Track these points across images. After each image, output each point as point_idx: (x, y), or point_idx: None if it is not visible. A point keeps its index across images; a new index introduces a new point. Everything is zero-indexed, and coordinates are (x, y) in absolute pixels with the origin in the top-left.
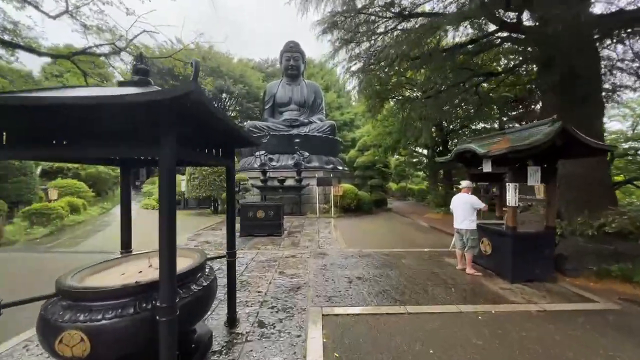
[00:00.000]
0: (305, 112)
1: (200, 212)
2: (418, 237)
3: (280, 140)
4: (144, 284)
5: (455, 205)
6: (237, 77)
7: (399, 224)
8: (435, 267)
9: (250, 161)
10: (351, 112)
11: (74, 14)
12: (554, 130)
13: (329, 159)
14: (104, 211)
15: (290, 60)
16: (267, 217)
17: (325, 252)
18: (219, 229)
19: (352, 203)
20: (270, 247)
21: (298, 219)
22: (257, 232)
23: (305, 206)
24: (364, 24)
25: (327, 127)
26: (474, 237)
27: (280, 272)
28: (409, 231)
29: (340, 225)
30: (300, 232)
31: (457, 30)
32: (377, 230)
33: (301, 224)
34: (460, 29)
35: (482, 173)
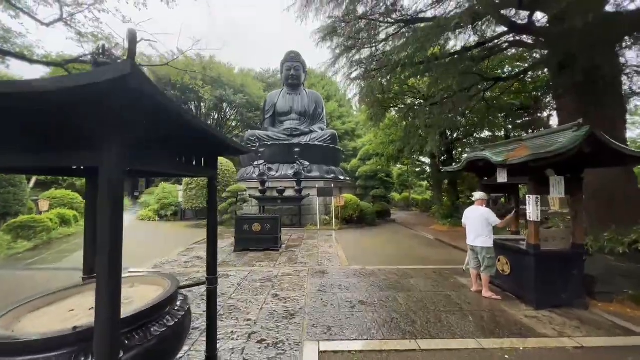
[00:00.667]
0: (306, 121)
1: (197, 223)
2: (425, 252)
3: (280, 149)
4: (85, 330)
5: (468, 219)
6: (237, 87)
7: (404, 237)
8: (448, 289)
9: (249, 171)
10: (352, 121)
11: (68, 22)
12: (581, 135)
13: (330, 169)
14: None
15: (291, 70)
16: (263, 230)
17: (325, 270)
18: None
19: (354, 214)
20: (265, 263)
21: (297, 231)
22: (253, 246)
23: (305, 218)
24: (365, 30)
25: (328, 136)
26: (491, 255)
27: (274, 294)
28: (415, 245)
29: (342, 238)
30: (299, 246)
31: (464, 32)
32: (380, 244)
33: (300, 237)
34: (467, 31)
35: (496, 184)
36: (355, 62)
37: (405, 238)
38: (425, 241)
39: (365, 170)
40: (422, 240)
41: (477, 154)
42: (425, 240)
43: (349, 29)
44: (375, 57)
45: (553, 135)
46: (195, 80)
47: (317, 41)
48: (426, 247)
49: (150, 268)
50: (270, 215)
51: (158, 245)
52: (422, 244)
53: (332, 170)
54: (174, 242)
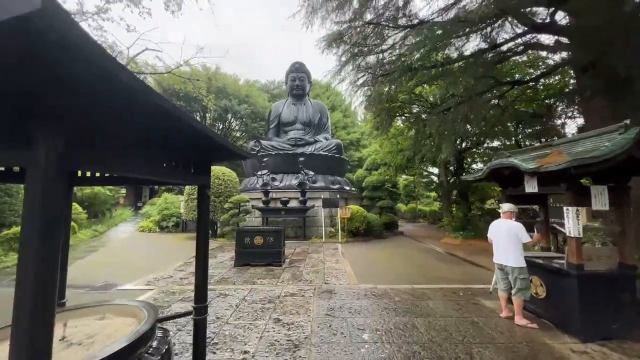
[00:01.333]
0: (311, 131)
1: None
2: (440, 268)
3: (284, 159)
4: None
5: (495, 235)
6: (242, 97)
7: (415, 252)
8: (474, 314)
9: (253, 181)
10: (357, 131)
11: None
12: (630, 138)
13: (335, 179)
14: (96, 235)
15: (296, 81)
16: (266, 243)
17: (332, 289)
18: (213, 256)
19: (360, 226)
20: (267, 281)
21: (302, 244)
22: (254, 261)
23: (310, 230)
24: (372, 37)
25: (334, 145)
26: (524, 276)
27: (276, 319)
28: (428, 260)
29: (349, 252)
30: (303, 260)
31: (480, 33)
32: (391, 259)
33: (305, 251)
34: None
35: (522, 194)
36: (363, 68)
37: (416, 252)
38: (438, 256)
39: (372, 180)
40: (435, 254)
41: (502, 161)
42: (437, 254)
43: (355, 36)
44: (383, 63)
45: (593, 139)
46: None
47: (323, 48)
48: (440, 263)
49: (142, 285)
50: (273, 228)
51: (155, 259)
52: (434, 259)
53: (338, 181)
54: (172, 255)
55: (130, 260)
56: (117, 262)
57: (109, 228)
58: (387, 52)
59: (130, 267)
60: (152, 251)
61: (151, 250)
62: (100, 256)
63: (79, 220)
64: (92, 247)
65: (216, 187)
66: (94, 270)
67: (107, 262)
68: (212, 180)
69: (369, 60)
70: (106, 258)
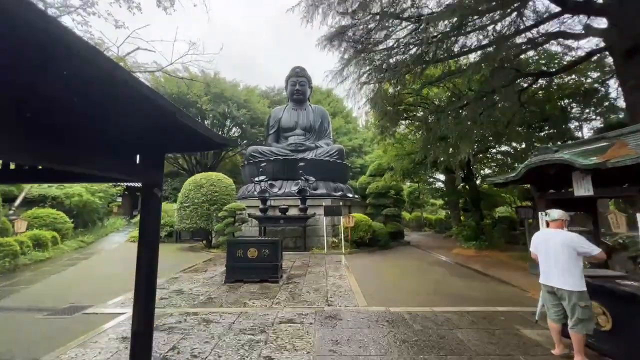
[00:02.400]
0: (312, 136)
1: (192, 245)
2: (459, 285)
3: (283, 165)
4: None
5: (544, 249)
6: (241, 102)
7: (426, 264)
8: (516, 350)
9: (250, 188)
10: (359, 137)
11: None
12: None
13: (337, 186)
14: (82, 246)
15: (296, 85)
16: (260, 257)
17: (337, 314)
18: (204, 270)
19: (365, 236)
20: (261, 302)
21: (302, 256)
22: (247, 276)
23: (311, 240)
24: (377, 30)
25: (335, 151)
26: (586, 303)
27: (267, 357)
28: (444, 275)
29: (354, 265)
30: (303, 275)
31: (509, 12)
32: (401, 273)
33: (305, 264)
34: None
35: (563, 199)
36: (368, 62)
37: (427, 265)
38: (453, 269)
39: (377, 186)
40: (449, 268)
41: (546, 158)
42: (452, 268)
43: (360, 30)
44: (391, 55)
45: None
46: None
47: (325, 44)
48: (458, 278)
49: (114, 307)
50: (269, 239)
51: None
52: (450, 273)
53: (340, 188)
54: (159, 269)
55: (110, 276)
56: (95, 277)
57: (97, 238)
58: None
59: (108, 284)
60: None
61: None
62: (78, 271)
63: (63, 230)
64: (74, 259)
65: (210, 194)
66: (66, 288)
67: (84, 277)
68: (207, 187)
69: (373, 57)
70: (84, 273)
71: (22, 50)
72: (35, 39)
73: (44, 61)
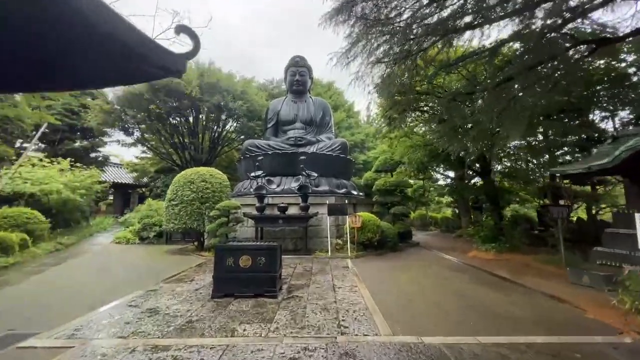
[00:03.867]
0: (312, 130)
1: (183, 247)
2: (493, 298)
3: (283, 159)
4: None
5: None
6: (237, 94)
7: (446, 270)
8: None
9: (246, 185)
10: (361, 132)
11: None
12: None
13: (340, 182)
14: (59, 248)
15: (296, 75)
16: (255, 265)
17: (355, 350)
18: (190, 280)
19: (374, 237)
20: (254, 327)
21: (303, 260)
22: (239, 289)
23: (313, 242)
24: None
25: (338, 145)
26: None
27: None
28: (471, 284)
29: (364, 272)
30: (306, 287)
31: None
32: (420, 282)
33: (308, 270)
34: None
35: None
36: (383, 34)
37: (447, 271)
38: (479, 277)
39: (384, 183)
40: (473, 274)
41: None
42: (476, 274)
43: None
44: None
45: None
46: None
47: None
48: (489, 289)
49: (61, 338)
50: (266, 245)
51: (112, 284)
52: (477, 280)
53: (344, 184)
54: (138, 278)
55: (77, 288)
56: (57, 290)
57: (79, 240)
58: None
59: (69, 300)
60: (116, 271)
61: (116, 269)
62: (41, 281)
63: (38, 231)
64: (42, 266)
65: (202, 191)
66: (12, 307)
67: (43, 290)
68: (197, 183)
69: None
70: (47, 284)
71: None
72: None
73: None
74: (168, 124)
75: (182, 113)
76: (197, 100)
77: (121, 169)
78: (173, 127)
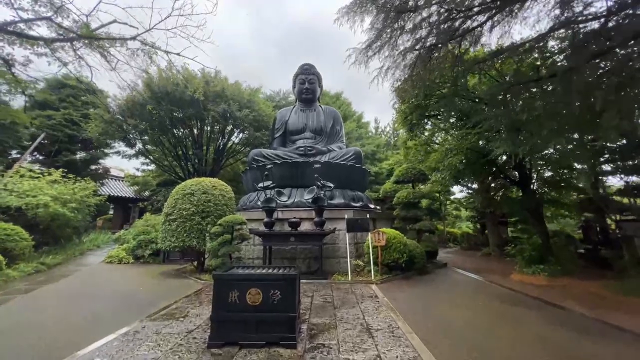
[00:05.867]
0: (322, 139)
1: (181, 267)
2: (597, 352)
3: (293, 169)
4: None
5: None
6: (244, 103)
7: (500, 302)
8: None
9: (253, 198)
10: (372, 143)
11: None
12: None
13: (356, 194)
14: (40, 270)
15: (305, 84)
16: (267, 302)
17: None
18: (183, 315)
19: (401, 258)
20: None
21: (320, 286)
22: (245, 336)
23: (329, 262)
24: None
25: (352, 154)
26: None
27: None
28: (549, 328)
29: (400, 304)
30: (332, 328)
31: None
32: (479, 322)
33: (329, 302)
34: None
35: None
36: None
37: (506, 305)
38: (550, 313)
39: (407, 194)
40: (540, 309)
41: None
42: (545, 310)
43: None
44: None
45: None
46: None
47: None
48: (576, 334)
49: None
50: (281, 275)
51: (81, 320)
52: (552, 320)
53: (359, 197)
54: (118, 311)
55: (30, 331)
56: (6, 334)
57: (66, 259)
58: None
59: (15, 353)
60: (93, 301)
61: (95, 298)
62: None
63: (17, 249)
64: (7, 294)
65: (203, 204)
66: None
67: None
68: (198, 195)
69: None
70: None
71: None
72: None
73: None
74: (171, 135)
75: (186, 123)
76: (202, 110)
77: (122, 182)
78: (176, 138)
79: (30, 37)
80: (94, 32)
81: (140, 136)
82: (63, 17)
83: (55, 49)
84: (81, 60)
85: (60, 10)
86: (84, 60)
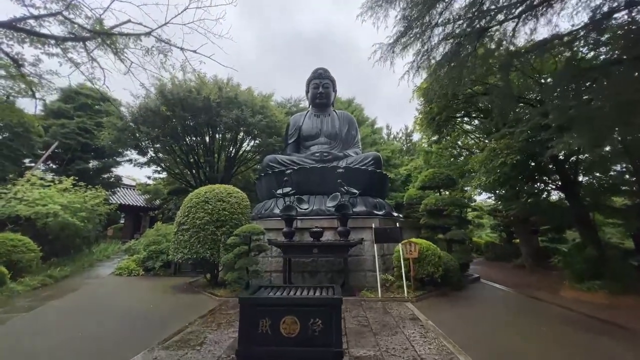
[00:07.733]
0: (338, 145)
1: (193, 280)
2: None
3: (312, 175)
4: None
5: None
6: (257, 109)
7: (569, 327)
8: None
9: (269, 205)
10: (387, 148)
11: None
12: None
13: (378, 202)
14: (46, 283)
15: (319, 88)
16: (306, 333)
17: None
18: (199, 342)
19: (436, 272)
20: None
21: (348, 304)
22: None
23: (354, 276)
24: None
25: (371, 159)
26: None
27: None
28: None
29: (450, 329)
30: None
31: None
32: (554, 355)
33: (365, 326)
34: None
35: None
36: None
37: (580, 332)
38: (637, 345)
39: (436, 201)
40: (625, 339)
41: None
42: (624, 339)
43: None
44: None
45: None
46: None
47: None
48: None
49: None
50: (323, 299)
51: (80, 348)
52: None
53: (381, 204)
54: (125, 335)
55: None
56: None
57: (75, 271)
58: None
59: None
60: (98, 322)
61: (100, 318)
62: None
63: (24, 261)
64: (7, 312)
65: (218, 213)
66: None
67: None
68: (213, 203)
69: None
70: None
71: None
72: None
73: None
74: (183, 143)
75: (198, 130)
76: (214, 116)
77: (133, 191)
78: (188, 145)
79: (41, 34)
80: (108, 30)
81: (152, 144)
82: (75, 15)
83: (67, 49)
84: (94, 62)
85: (72, 7)
86: (96, 62)
